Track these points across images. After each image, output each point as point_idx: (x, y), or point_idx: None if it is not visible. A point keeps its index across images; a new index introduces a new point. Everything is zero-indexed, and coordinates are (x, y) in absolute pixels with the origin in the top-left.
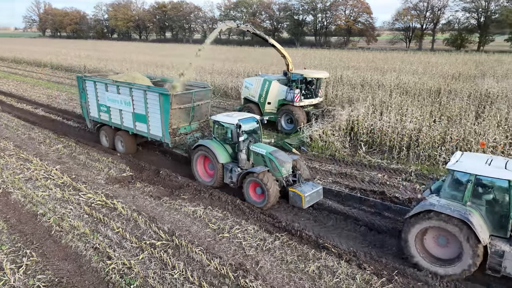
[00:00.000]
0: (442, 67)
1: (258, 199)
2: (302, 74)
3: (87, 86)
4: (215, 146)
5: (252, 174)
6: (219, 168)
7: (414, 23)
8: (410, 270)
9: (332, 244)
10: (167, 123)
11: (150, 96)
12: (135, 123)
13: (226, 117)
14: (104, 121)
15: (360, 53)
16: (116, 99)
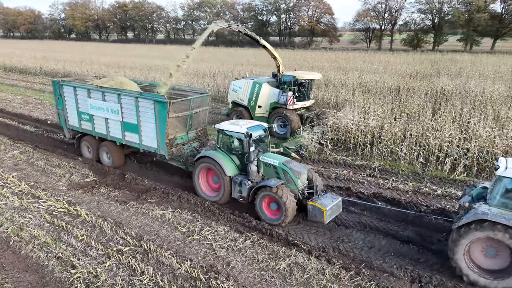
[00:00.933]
0: (400, 66)
1: (274, 215)
2: (294, 75)
3: (65, 92)
4: (221, 158)
5: (266, 188)
6: (226, 182)
7: (374, 24)
8: (377, 262)
9: (302, 241)
10: (164, 133)
11: (143, 104)
12: (125, 133)
13: (232, 125)
14: (86, 131)
15: (323, 53)
16: (101, 107)
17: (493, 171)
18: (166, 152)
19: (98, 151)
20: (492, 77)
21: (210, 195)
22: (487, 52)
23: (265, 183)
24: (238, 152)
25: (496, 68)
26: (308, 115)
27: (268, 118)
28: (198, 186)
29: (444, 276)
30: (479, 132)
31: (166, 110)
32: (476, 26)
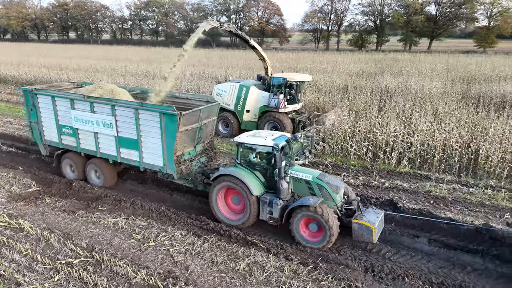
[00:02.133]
0: (347, 65)
1: (314, 238)
2: (285, 77)
3: (39, 102)
4: (245, 175)
5: (304, 207)
6: (253, 202)
7: (321, 25)
8: (333, 255)
9: (260, 239)
10: (172, 149)
11: (145, 116)
12: (120, 149)
13: (254, 138)
14: (68, 147)
15: (274, 53)
16: (89, 120)
17: (433, 163)
18: (175, 170)
19: (85, 170)
20: (429, 75)
21: (232, 219)
22: (424, 51)
23: (302, 202)
24: (262, 167)
25: (433, 66)
26: (300, 118)
27: (258, 123)
28: (216, 209)
29: (395, 264)
30: (420, 127)
31: (176, 124)
32: (414, 28)
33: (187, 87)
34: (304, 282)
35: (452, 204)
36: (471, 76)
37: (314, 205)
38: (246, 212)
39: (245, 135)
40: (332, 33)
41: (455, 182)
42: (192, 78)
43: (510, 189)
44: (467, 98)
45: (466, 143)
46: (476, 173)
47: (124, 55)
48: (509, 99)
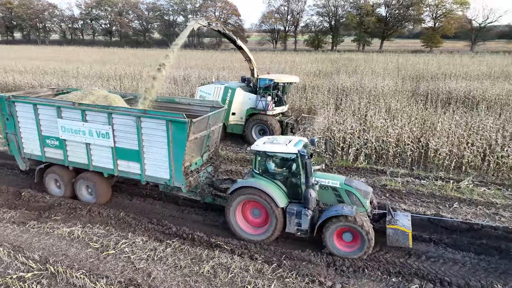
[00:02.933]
0: (305, 65)
1: (348, 248)
2: (272, 79)
3: (18, 111)
4: (267, 186)
5: (338, 218)
6: (278, 215)
7: (278, 26)
8: (296, 252)
9: (224, 241)
10: (181, 160)
11: (149, 125)
12: (118, 161)
13: (273, 145)
14: (53, 160)
15: (233, 54)
16: (79, 130)
17: (388, 158)
18: (184, 183)
19: (74, 185)
20: (382, 74)
21: (253, 234)
22: (377, 51)
23: (337, 212)
24: (284, 176)
25: (385, 65)
26: (288, 121)
27: (245, 126)
28: (235, 224)
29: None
30: (375, 124)
31: (186, 132)
32: (366, 28)
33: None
34: (269, 280)
35: (406, 196)
36: (420, 75)
37: (351, 215)
38: (270, 225)
39: (262, 142)
40: (289, 33)
41: (408, 175)
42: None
43: (457, 180)
44: (417, 95)
45: (417, 138)
46: (427, 166)
47: (76, 56)
48: (454, 95)
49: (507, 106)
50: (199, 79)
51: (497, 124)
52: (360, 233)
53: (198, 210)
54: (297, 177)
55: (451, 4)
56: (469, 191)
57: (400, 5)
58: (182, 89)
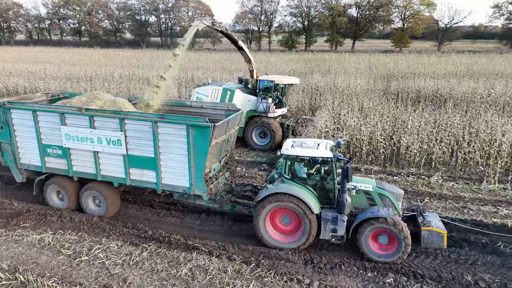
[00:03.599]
0: (279, 65)
1: (385, 251)
2: (273, 80)
3: (14, 119)
4: (301, 192)
5: (373, 220)
6: (313, 221)
7: (252, 26)
8: (274, 251)
9: (202, 242)
10: (202, 167)
11: (167, 130)
12: (130, 170)
13: (305, 148)
14: (54, 171)
15: (207, 54)
16: (86, 137)
17: (361, 155)
18: (205, 191)
19: (80, 197)
20: (354, 74)
21: (284, 242)
22: (349, 51)
23: (373, 214)
24: (316, 181)
25: (356, 65)
26: (289, 123)
27: (245, 129)
28: (264, 233)
29: (331, 253)
30: (348, 122)
31: (208, 137)
32: (338, 29)
33: (116, 90)
34: (248, 280)
35: None
36: (390, 74)
37: (388, 217)
38: (304, 232)
39: (289, 146)
40: (263, 33)
41: (381, 172)
42: (121, 80)
43: (428, 175)
44: (388, 94)
45: (389, 135)
46: (399, 163)
47: (43, 57)
48: (423, 93)
49: (472, 104)
50: (173, 80)
51: (464, 121)
52: (397, 236)
53: (174, 213)
54: (329, 181)
55: (418, 5)
56: (439, 186)
57: (370, 6)
58: None
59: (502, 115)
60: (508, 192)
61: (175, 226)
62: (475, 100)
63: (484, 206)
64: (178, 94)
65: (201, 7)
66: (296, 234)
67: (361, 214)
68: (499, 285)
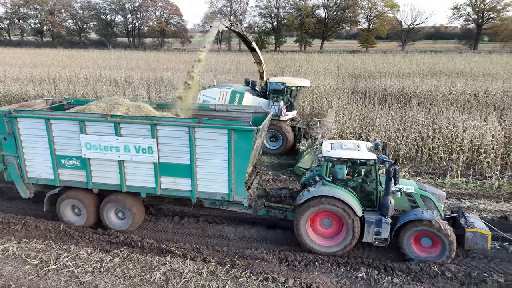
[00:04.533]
0: (250, 66)
1: (428, 253)
2: (284, 82)
3: (21, 129)
4: (344, 194)
5: (416, 222)
6: (356, 224)
7: None
8: (249, 251)
9: (176, 246)
10: (244, 172)
11: (205, 135)
12: (161, 178)
13: (346, 150)
14: (70, 183)
15: (176, 54)
16: (111, 146)
17: None
18: (246, 196)
19: (101, 211)
20: (323, 73)
21: (326, 245)
22: (317, 51)
23: (416, 217)
24: (357, 183)
25: (325, 65)
26: (300, 125)
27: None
28: (306, 236)
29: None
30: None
31: (252, 141)
32: (307, 29)
33: (82, 92)
34: (223, 281)
35: (292, 183)
36: (358, 73)
37: (432, 219)
38: (347, 236)
39: (329, 148)
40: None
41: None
42: (87, 81)
43: None
44: (356, 93)
45: (358, 133)
46: None
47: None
48: (389, 92)
49: (435, 102)
50: (142, 81)
51: (428, 118)
52: (441, 238)
53: (147, 217)
54: (371, 183)
55: (382, 7)
56: None
57: (337, 7)
58: (124, 91)
59: (463, 112)
60: (470, 185)
61: (147, 230)
62: (438, 98)
63: (448, 199)
64: (147, 95)
65: (169, 7)
66: (337, 237)
67: (404, 216)
68: (463, 274)
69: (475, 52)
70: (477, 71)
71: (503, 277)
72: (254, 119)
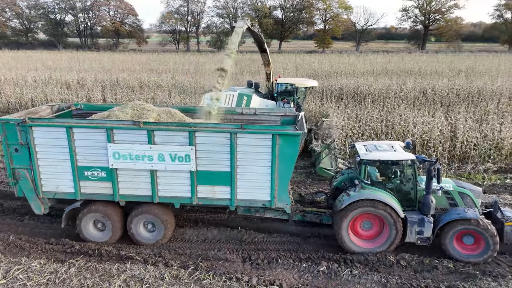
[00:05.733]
0: (209, 66)
1: (470, 251)
2: (293, 83)
3: (37, 138)
4: (386, 196)
5: (460, 221)
6: (399, 225)
7: (179, 26)
8: (212, 252)
9: (136, 251)
10: (288, 177)
11: (248, 141)
12: (198, 187)
13: (383, 152)
14: (93, 196)
15: (132, 55)
16: (143, 154)
17: None
18: (289, 202)
19: (129, 224)
20: (282, 73)
21: (367, 247)
22: (276, 52)
23: (459, 216)
24: (395, 184)
25: (284, 65)
26: (309, 127)
27: None
28: (347, 239)
29: (269, 249)
30: None
31: (298, 145)
32: (265, 30)
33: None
34: (186, 285)
35: (310, 186)
36: (315, 73)
37: (476, 218)
38: (389, 237)
39: (364, 150)
40: (191, 34)
41: (313, 166)
42: (36, 84)
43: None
44: (314, 92)
45: None
46: None
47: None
48: (345, 91)
49: (388, 99)
50: (96, 83)
51: (381, 115)
52: (484, 236)
53: None
54: (409, 183)
55: (337, 8)
56: None
57: (294, 8)
58: (77, 94)
59: (413, 109)
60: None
61: None
62: (390, 96)
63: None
64: (102, 97)
65: (124, 6)
66: (379, 239)
67: (446, 215)
68: (417, 261)
69: (423, 52)
70: (425, 70)
71: (452, 262)
72: (282, 122)
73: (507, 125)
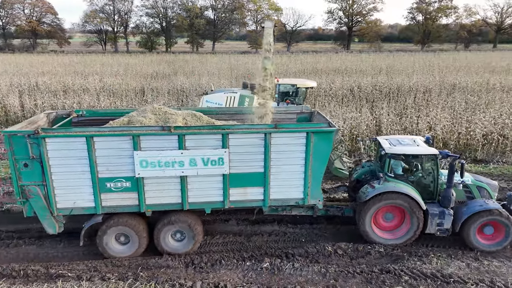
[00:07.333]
0: (140, 67)
1: (490, 241)
2: (295, 84)
3: (50, 150)
4: (409, 189)
5: (483, 213)
6: (420, 217)
7: (106, 26)
8: (152, 261)
9: (68, 268)
10: (321, 174)
11: (282, 140)
12: (230, 190)
13: (407, 146)
14: (116, 209)
15: (53, 56)
16: (173, 160)
17: None
18: (321, 198)
19: (157, 235)
20: (217, 74)
21: (390, 238)
22: (210, 52)
23: (482, 207)
24: (417, 177)
25: (218, 66)
26: None
27: None
28: (370, 231)
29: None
30: None
31: (331, 142)
32: (197, 30)
33: None
34: None
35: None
36: (250, 73)
37: (498, 209)
38: (411, 228)
39: (388, 144)
40: (119, 34)
41: None
42: None
43: None
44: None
45: None
46: None
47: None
48: None
49: (319, 97)
50: (12, 88)
51: None
52: (506, 225)
53: (29, 241)
54: (430, 177)
55: (267, 9)
56: None
57: (225, 9)
58: None
59: (342, 105)
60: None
61: (31, 255)
62: (321, 94)
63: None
64: (20, 102)
65: (41, 4)
66: (400, 230)
67: (468, 207)
68: (352, 249)
69: (348, 52)
70: (351, 68)
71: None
72: (298, 120)
73: (423, 117)
